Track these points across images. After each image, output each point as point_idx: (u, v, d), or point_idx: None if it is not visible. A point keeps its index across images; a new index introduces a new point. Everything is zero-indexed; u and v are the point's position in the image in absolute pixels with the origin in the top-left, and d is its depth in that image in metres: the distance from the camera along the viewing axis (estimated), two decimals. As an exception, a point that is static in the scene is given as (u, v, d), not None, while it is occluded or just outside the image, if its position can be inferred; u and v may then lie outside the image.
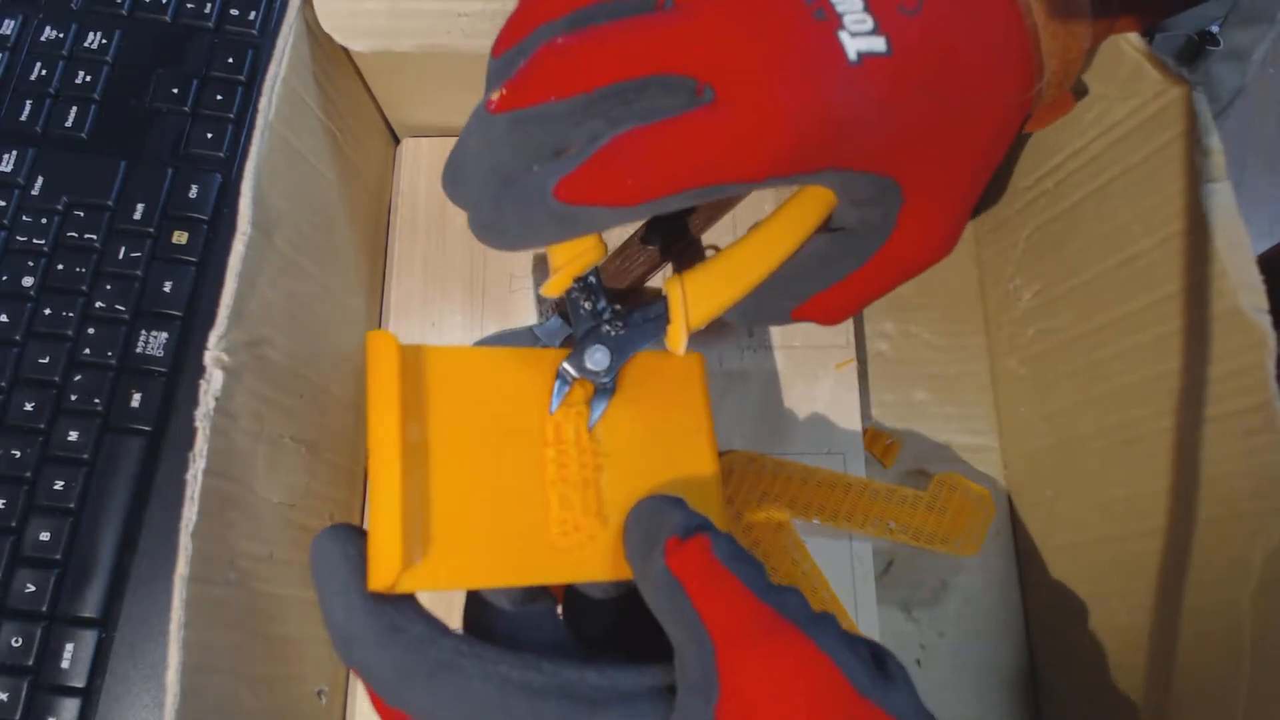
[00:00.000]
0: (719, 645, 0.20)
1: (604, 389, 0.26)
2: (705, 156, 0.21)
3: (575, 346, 0.26)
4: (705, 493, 0.27)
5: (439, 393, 0.25)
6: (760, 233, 0.27)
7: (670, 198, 0.22)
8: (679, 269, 0.38)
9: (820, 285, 0.27)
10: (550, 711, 0.20)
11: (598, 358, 0.26)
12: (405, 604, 0.22)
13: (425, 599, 0.23)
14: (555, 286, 0.26)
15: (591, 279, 0.27)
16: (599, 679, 0.21)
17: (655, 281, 0.37)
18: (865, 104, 0.21)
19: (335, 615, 0.21)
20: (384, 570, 0.21)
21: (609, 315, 0.27)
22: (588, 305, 0.27)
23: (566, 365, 0.26)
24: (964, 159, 0.24)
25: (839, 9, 0.21)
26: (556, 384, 0.26)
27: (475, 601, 0.25)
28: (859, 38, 0.21)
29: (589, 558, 0.24)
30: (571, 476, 0.25)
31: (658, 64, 0.21)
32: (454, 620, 0.25)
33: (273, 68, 0.29)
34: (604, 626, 0.26)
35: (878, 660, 0.20)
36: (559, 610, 0.25)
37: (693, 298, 0.26)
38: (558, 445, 0.25)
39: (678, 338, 0.26)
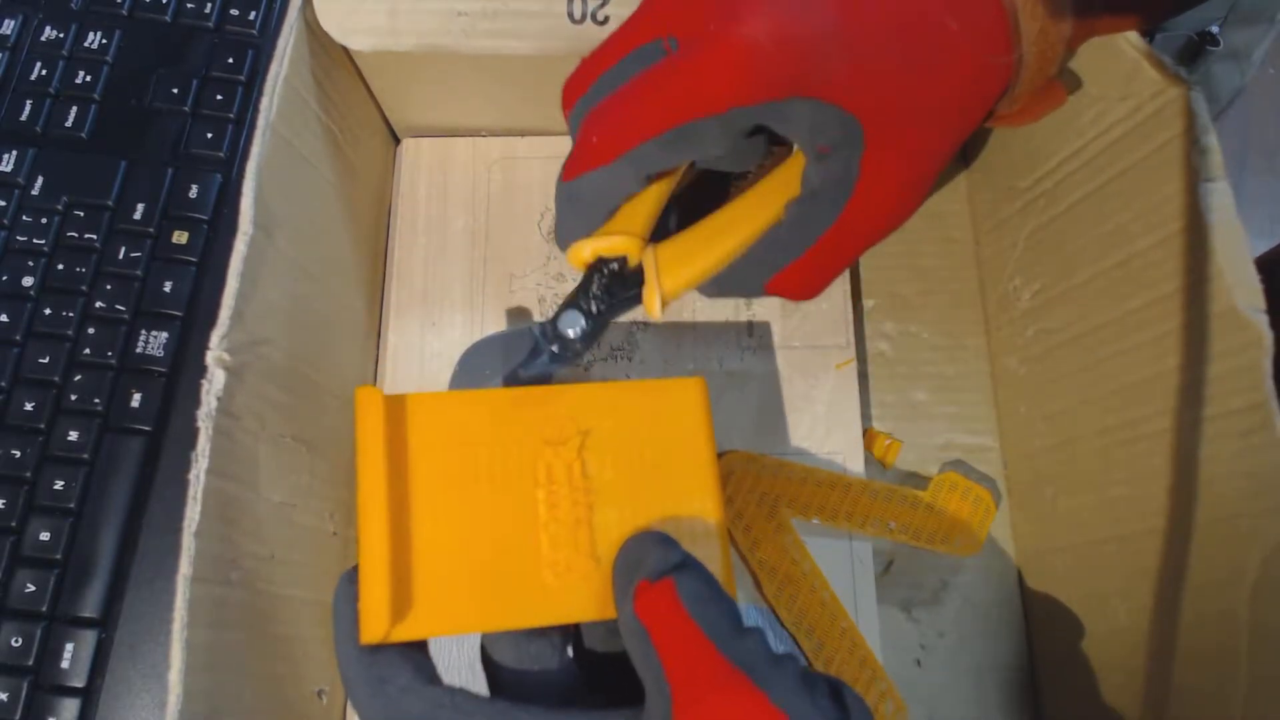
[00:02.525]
0: (676, 697, 0.20)
1: (570, 354, 0.27)
2: (669, 99, 0.23)
3: (556, 312, 0.27)
4: (706, 527, 0.26)
5: (426, 441, 0.25)
6: (735, 204, 0.27)
7: (644, 148, 0.24)
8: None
9: (792, 253, 0.27)
10: None
11: (573, 321, 0.26)
12: (396, 653, 0.22)
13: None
14: (576, 254, 0.27)
15: (615, 266, 0.27)
16: None
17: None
18: (821, 23, 0.22)
19: (339, 662, 0.22)
20: (374, 625, 0.22)
21: (596, 292, 0.27)
22: (596, 289, 0.27)
23: (541, 329, 0.26)
24: (928, 106, 0.24)
25: None
26: (532, 348, 0.26)
27: (485, 637, 0.25)
28: None
29: (582, 598, 0.24)
30: (563, 517, 0.25)
31: (632, 40, 0.25)
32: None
33: (273, 68, 0.29)
34: (609, 653, 0.25)
35: (836, 697, 0.20)
36: (564, 642, 0.25)
37: (665, 264, 0.26)
38: (549, 486, 0.25)
39: (652, 301, 0.27)
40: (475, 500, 0.24)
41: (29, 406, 0.35)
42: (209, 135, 0.39)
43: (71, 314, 0.36)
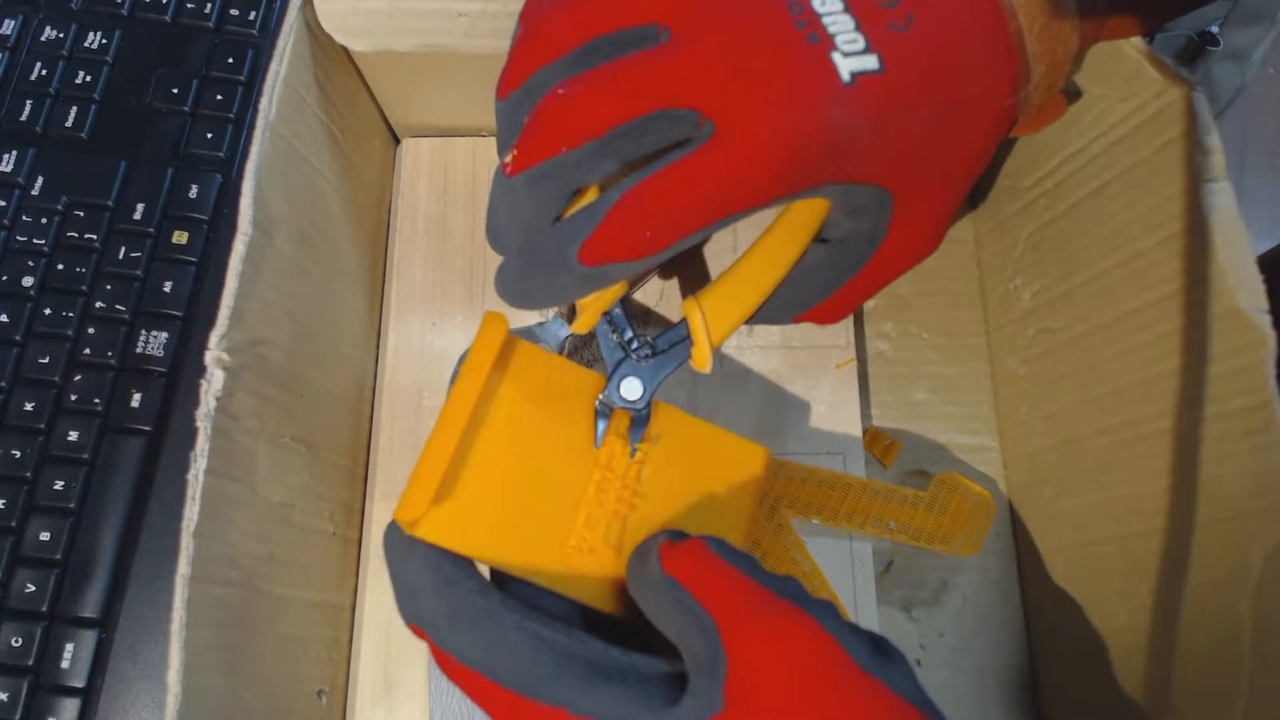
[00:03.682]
0: (722, 625, 0.20)
1: (640, 417, 0.28)
2: (714, 193, 0.22)
3: (609, 379, 0.28)
4: None
5: (522, 384, 0.26)
6: (763, 246, 0.28)
7: (689, 237, 0.23)
8: (685, 277, 0.38)
9: (821, 295, 0.28)
10: (571, 675, 0.21)
11: (632, 387, 0.28)
12: (459, 562, 0.24)
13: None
14: (584, 324, 0.27)
15: (617, 311, 0.28)
16: (621, 656, 0.22)
17: (653, 281, 0.38)
18: (860, 121, 0.22)
19: (400, 570, 0.23)
20: (412, 505, 0.23)
21: (636, 345, 0.28)
22: (615, 337, 0.28)
23: (604, 399, 0.27)
24: (952, 166, 0.25)
25: (830, 30, 0.22)
26: (599, 421, 0.27)
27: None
28: (851, 58, 0.22)
29: (594, 583, 0.26)
30: (606, 503, 0.26)
31: (660, 100, 0.22)
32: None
33: (273, 68, 0.29)
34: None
35: (876, 644, 0.21)
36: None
37: (712, 318, 0.27)
38: (605, 471, 0.27)
39: (704, 359, 0.28)
40: (539, 452, 0.26)
41: (29, 406, 0.35)
42: (209, 135, 0.39)
43: (71, 314, 0.36)
